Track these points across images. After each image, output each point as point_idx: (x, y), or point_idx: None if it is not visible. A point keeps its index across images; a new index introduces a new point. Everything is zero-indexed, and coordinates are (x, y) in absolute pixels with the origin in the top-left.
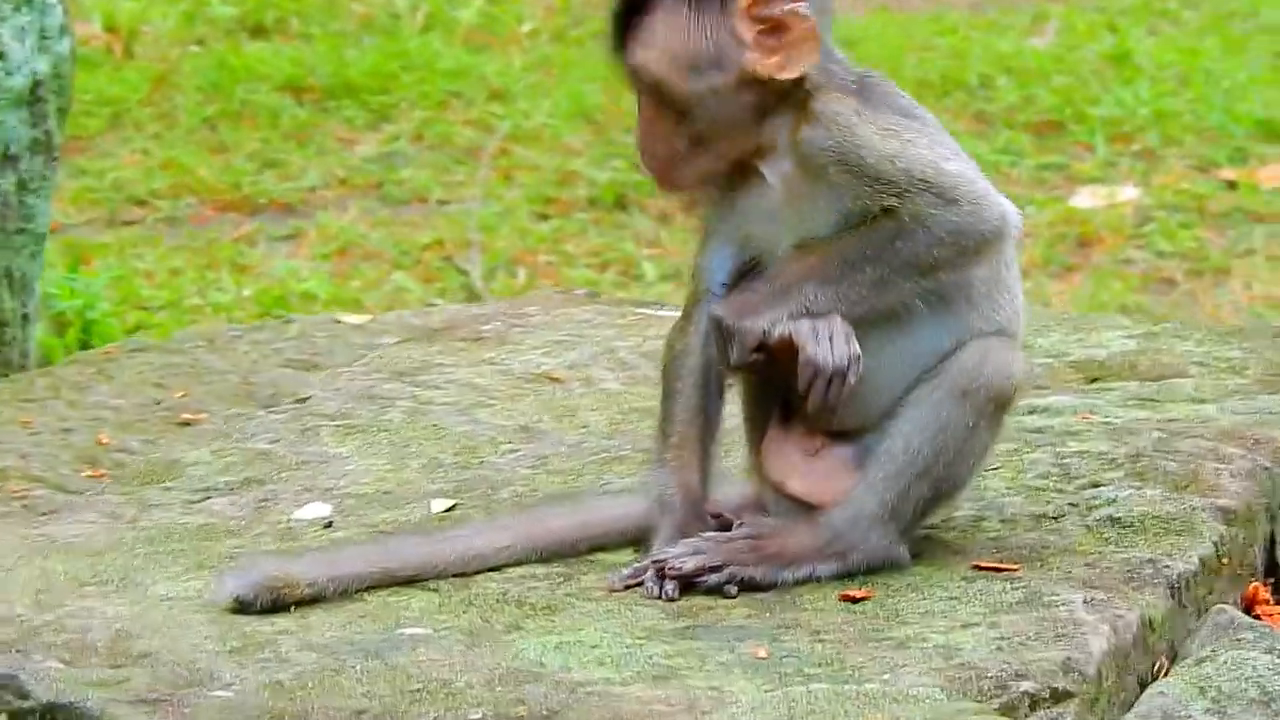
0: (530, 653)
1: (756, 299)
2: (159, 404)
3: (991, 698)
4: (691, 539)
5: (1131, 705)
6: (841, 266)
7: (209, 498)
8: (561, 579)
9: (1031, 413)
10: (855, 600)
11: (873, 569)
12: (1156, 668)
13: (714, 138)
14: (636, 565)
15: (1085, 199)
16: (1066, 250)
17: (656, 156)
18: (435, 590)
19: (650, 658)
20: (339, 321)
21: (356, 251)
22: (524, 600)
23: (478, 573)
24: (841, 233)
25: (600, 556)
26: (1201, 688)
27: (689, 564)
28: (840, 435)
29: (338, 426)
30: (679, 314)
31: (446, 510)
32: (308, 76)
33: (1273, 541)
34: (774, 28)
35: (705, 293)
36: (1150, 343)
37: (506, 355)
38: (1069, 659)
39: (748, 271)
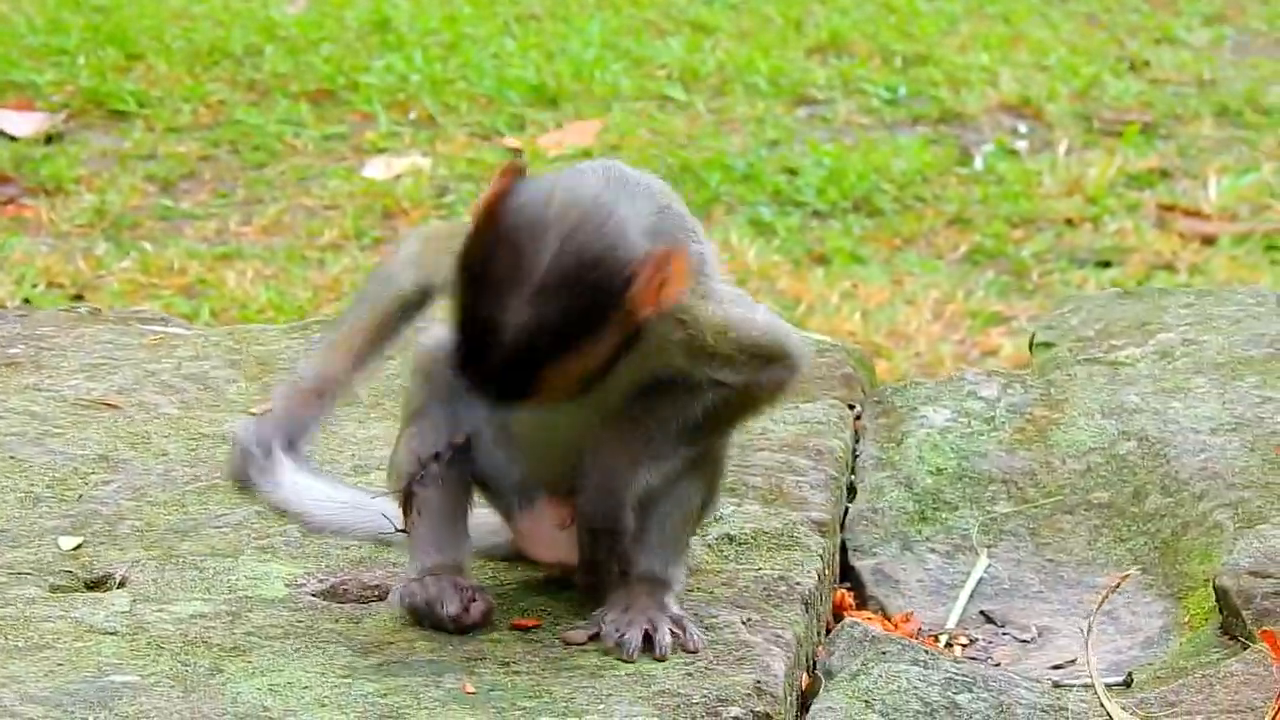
0: (248, 696)
1: None
2: None
3: None
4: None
5: None
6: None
7: None
8: (231, 618)
9: None
10: (526, 629)
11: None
12: (804, 683)
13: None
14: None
15: (377, 169)
16: (373, 223)
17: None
18: (115, 633)
19: (366, 696)
20: None
21: None
22: (209, 641)
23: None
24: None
25: (258, 593)
26: (867, 702)
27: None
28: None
29: None
30: (185, 330)
31: (75, 548)
32: None
33: (844, 549)
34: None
35: None
36: None
37: (50, 381)
38: (759, 681)
39: None
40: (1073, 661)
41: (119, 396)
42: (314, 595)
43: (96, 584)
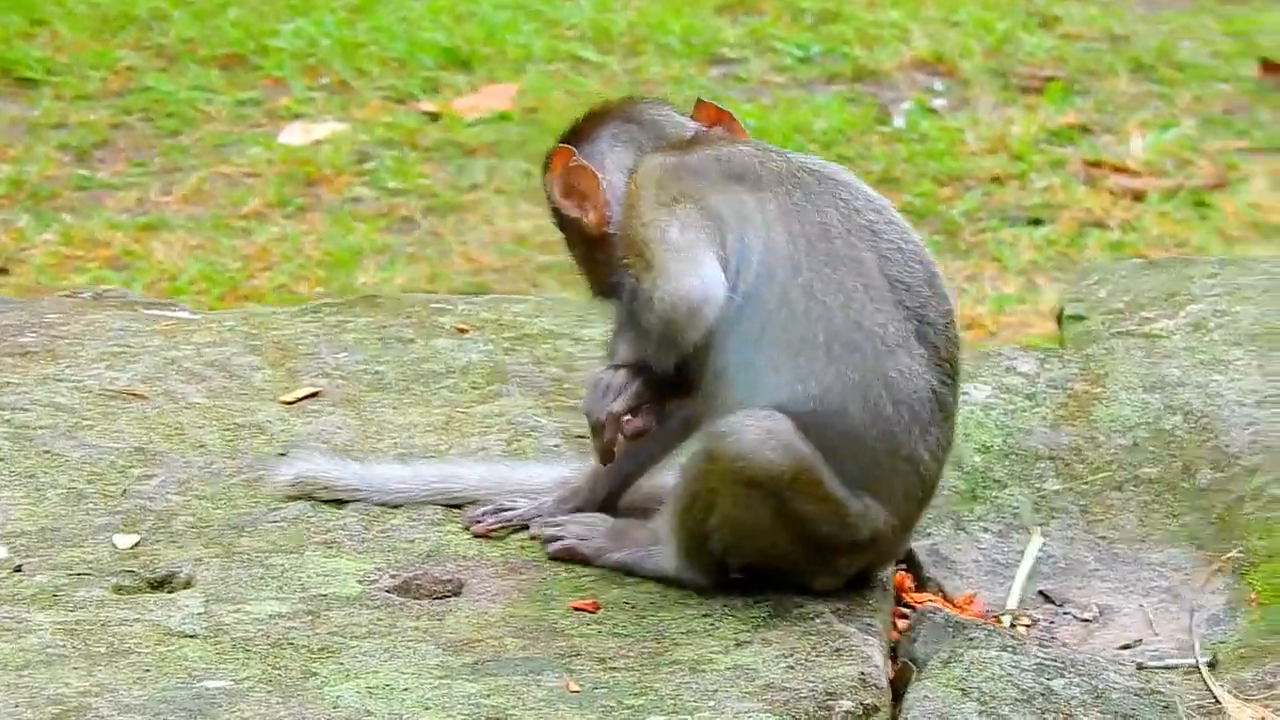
0: (349, 700)
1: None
2: None
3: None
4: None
5: (894, 711)
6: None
7: None
8: (310, 617)
9: None
10: (588, 610)
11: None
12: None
13: None
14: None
15: (294, 135)
16: (296, 190)
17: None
18: (195, 636)
19: (469, 698)
20: None
21: None
22: (293, 642)
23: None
24: None
25: (331, 590)
26: (963, 690)
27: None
28: None
29: None
30: (195, 315)
31: (133, 546)
32: None
33: None
34: (577, 193)
35: None
36: None
37: (70, 371)
38: (863, 674)
39: None
40: (1140, 641)
41: (144, 386)
42: (388, 592)
43: (160, 583)
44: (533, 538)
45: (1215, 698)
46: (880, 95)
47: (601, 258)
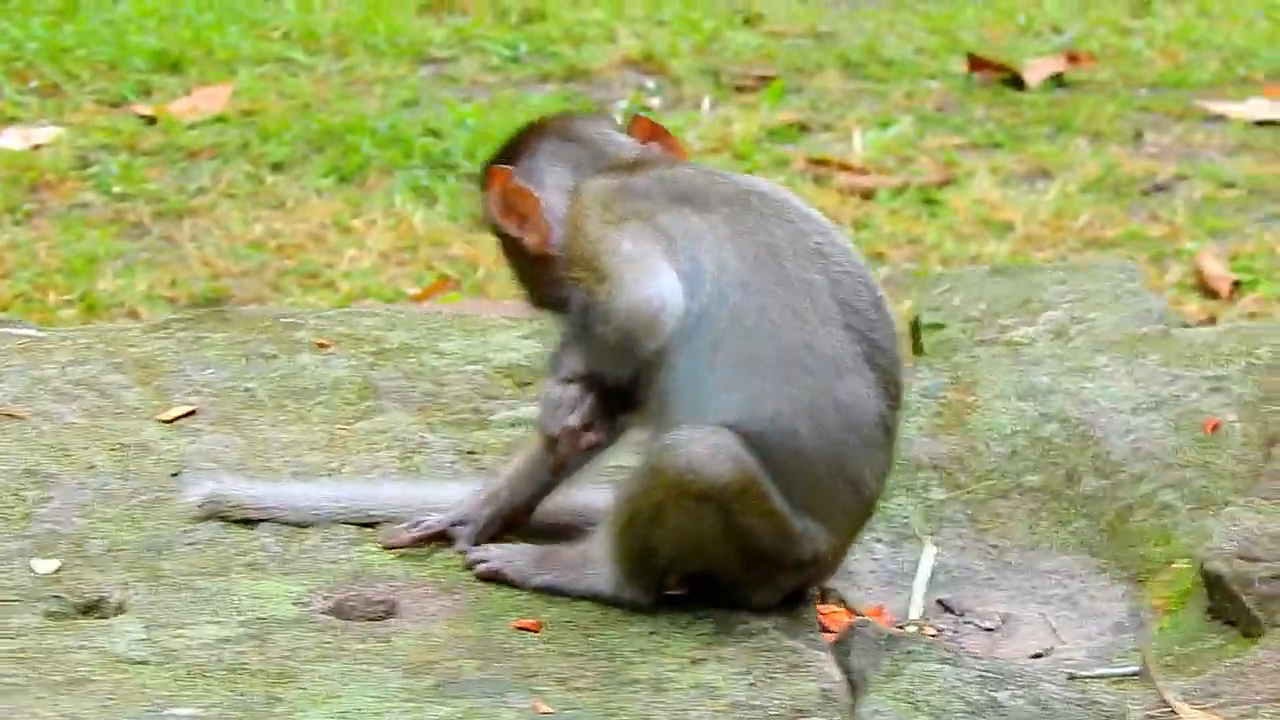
0: None
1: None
2: None
3: None
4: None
5: None
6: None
7: None
8: (258, 642)
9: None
10: (532, 629)
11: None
12: None
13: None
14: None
15: (12, 140)
16: (22, 196)
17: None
18: (147, 663)
19: None
20: None
21: None
22: (248, 668)
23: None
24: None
25: (269, 613)
26: (913, 704)
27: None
28: None
29: None
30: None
31: (55, 572)
32: None
33: None
34: (516, 213)
35: None
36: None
37: None
38: (825, 690)
39: None
40: (1051, 650)
41: (18, 406)
42: (325, 614)
43: (90, 609)
44: (459, 554)
45: (1170, 707)
46: (594, 95)
47: (543, 274)
